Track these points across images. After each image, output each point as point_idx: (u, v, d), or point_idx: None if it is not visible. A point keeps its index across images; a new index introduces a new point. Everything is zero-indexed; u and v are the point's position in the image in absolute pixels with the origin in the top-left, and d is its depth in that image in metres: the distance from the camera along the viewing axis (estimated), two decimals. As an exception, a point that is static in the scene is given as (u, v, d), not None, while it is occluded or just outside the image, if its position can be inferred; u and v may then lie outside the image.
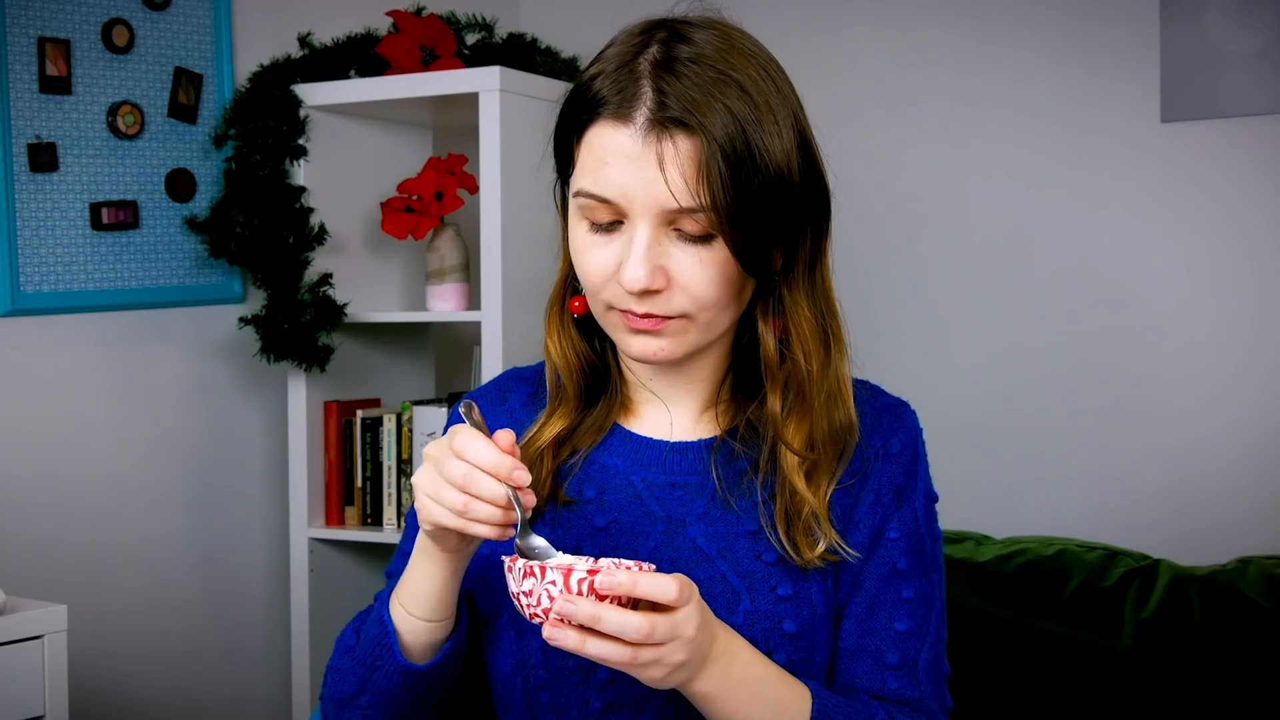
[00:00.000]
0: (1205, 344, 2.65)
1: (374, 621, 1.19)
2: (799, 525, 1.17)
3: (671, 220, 1.10)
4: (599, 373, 1.25)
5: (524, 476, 1.05)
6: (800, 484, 1.17)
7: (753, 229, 1.09)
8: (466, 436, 1.06)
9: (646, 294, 1.11)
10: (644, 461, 1.23)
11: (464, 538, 1.11)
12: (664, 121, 1.08)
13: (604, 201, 1.11)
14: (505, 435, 1.07)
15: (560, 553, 1.10)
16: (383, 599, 1.20)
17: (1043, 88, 2.78)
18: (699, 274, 1.11)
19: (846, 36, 2.97)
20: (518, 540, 1.08)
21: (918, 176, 2.90)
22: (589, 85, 1.13)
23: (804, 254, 1.16)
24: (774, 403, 1.18)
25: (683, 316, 1.13)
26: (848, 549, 1.18)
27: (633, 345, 1.15)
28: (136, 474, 2.59)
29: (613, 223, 1.12)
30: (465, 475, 1.05)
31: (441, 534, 1.10)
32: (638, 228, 1.10)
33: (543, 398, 1.28)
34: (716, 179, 1.07)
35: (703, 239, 1.11)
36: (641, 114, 1.09)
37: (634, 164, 1.09)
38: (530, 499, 1.07)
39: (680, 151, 1.08)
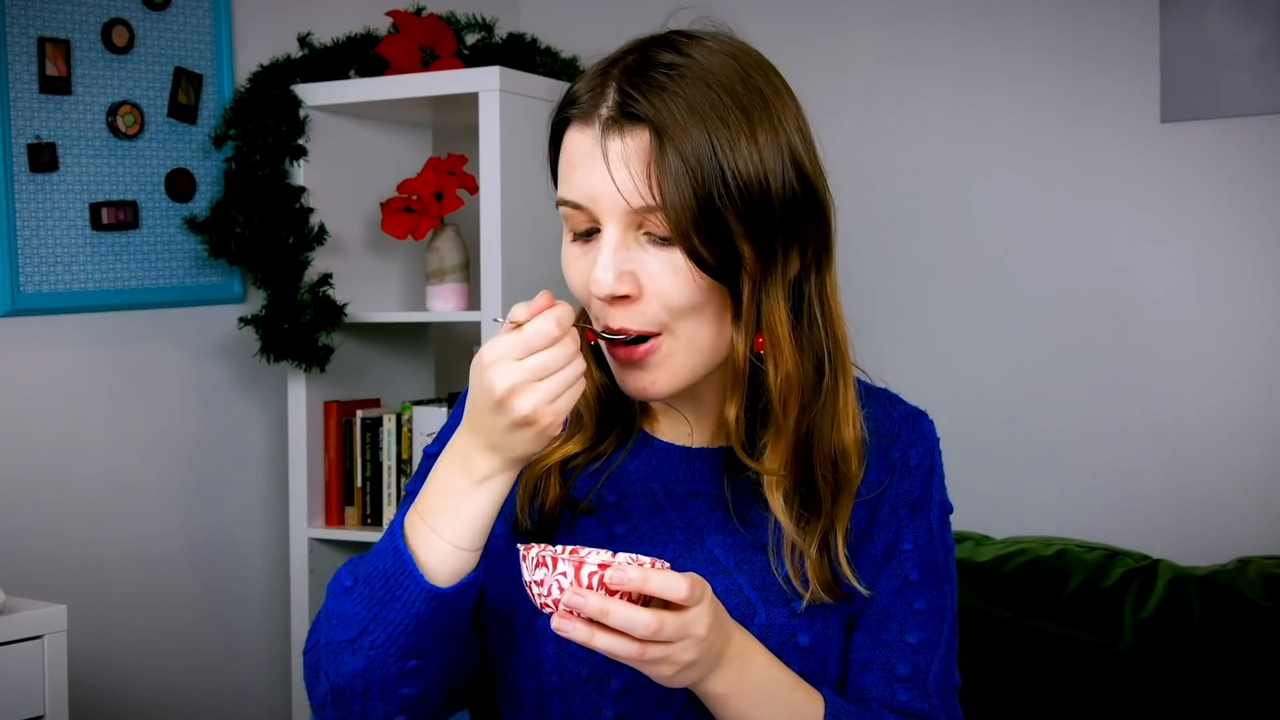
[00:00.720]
0: (1206, 344, 2.64)
1: (381, 554, 1.11)
2: (807, 563, 1.15)
3: (640, 223, 1.08)
4: (616, 399, 1.23)
5: (560, 306, 1.05)
6: (778, 505, 1.14)
7: (710, 234, 1.06)
8: (520, 337, 1.03)
9: (618, 301, 1.09)
10: (664, 468, 1.21)
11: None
12: (619, 118, 1.07)
13: (576, 207, 1.10)
14: (543, 301, 1.05)
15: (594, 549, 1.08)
16: (396, 529, 1.12)
17: (1043, 88, 2.78)
18: (671, 280, 1.08)
19: (846, 37, 2.97)
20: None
21: (918, 177, 2.90)
22: (568, 94, 1.12)
23: (782, 267, 1.11)
24: (729, 409, 1.14)
25: (661, 332, 1.10)
26: (860, 587, 1.17)
27: (627, 381, 1.13)
28: (136, 474, 2.59)
29: (590, 231, 1.11)
30: (572, 346, 1.03)
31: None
32: (606, 231, 1.08)
33: None
34: (668, 176, 1.04)
35: (670, 241, 1.07)
36: (603, 112, 1.08)
37: (592, 162, 1.08)
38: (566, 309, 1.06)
39: (628, 147, 1.06)
